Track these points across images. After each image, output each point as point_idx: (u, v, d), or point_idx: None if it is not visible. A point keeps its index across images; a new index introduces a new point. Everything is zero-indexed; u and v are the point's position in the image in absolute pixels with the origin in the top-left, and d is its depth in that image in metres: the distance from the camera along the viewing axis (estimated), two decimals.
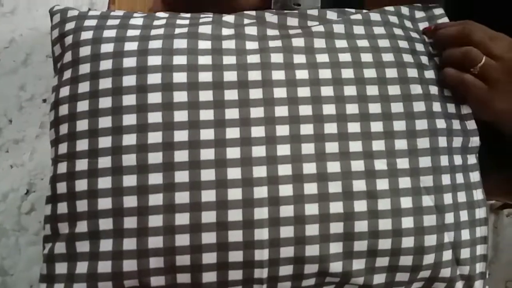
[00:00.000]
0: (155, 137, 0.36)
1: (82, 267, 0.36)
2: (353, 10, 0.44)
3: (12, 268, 0.93)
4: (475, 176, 0.42)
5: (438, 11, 0.46)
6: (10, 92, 1.03)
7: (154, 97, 0.37)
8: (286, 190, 0.36)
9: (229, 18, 0.42)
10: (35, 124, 1.02)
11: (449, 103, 0.42)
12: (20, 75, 1.04)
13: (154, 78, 0.37)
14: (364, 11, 0.44)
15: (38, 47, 1.06)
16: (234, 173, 0.36)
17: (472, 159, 0.42)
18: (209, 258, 0.36)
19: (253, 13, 0.42)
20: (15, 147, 1.00)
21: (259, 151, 0.36)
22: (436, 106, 0.40)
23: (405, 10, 0.45)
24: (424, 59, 0.42)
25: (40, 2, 1.09)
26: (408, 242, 0.37)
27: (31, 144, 1.01)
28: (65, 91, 0.38)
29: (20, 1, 1.09)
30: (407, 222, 0.38)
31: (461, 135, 0.41)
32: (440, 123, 0.40)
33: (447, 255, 0.39)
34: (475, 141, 0.42)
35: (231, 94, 0.37)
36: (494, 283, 0.96)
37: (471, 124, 0.42)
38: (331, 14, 0.43)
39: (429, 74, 0.41)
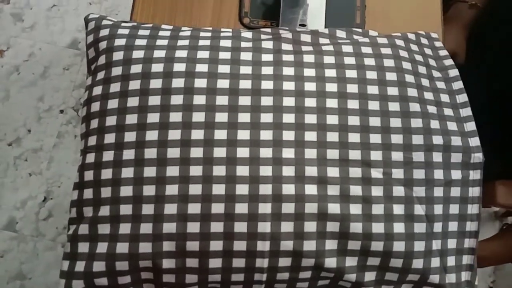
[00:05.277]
0: (174, 135, 0.40)
1: (102, 247, 0.39)
2: (360, 30, 0.47)
3: (31, 272, 0.96)
4: (475, 191, 0.44)
5: (438, 43, 0.50)
6: (29, 104, 1.07)
7: (176, 99, 0.40)
8: (288, 189, 0.39)
9: (247, 34, 0.46)
10: (52, 134, 1.06)
11: (449, 121, 0.44)
12: (39, 87, 1.09)
13: (177, 83, 0.41)
14: (371, 33, 0.47)
15: (56, 60, 1.11)
16: (242, 170, 0.39)
17: (475, 175, 0.44)
18: (216, 245, 0.39)
19: (269, 30, 0.47)
20: (33, 156, 1.04)
21: (266, 152, 0.40)
22: (434, 124, 0.43)
23: (411, 35, 0.49)
24: (425, 81, 0.45)
25: (57, 18, 1.14)
26: (399, 246, 0.40)
27: (49, 153, 1.05)
28: (97, 90, 0.42)
29: (39, 17, 1.14)
30: (399, 228, 0.40)
31: (461, 151, 0.43)
32: (437, 139, 0.42)
33: (436, 262, 0.41)
34: (477, 157, 0.44)
35: (244, 100, 0.41)
36: None
37: (474, 141, 0.44)
38: (340, 33, 0.47)
39: (428, 95, 0.44)
